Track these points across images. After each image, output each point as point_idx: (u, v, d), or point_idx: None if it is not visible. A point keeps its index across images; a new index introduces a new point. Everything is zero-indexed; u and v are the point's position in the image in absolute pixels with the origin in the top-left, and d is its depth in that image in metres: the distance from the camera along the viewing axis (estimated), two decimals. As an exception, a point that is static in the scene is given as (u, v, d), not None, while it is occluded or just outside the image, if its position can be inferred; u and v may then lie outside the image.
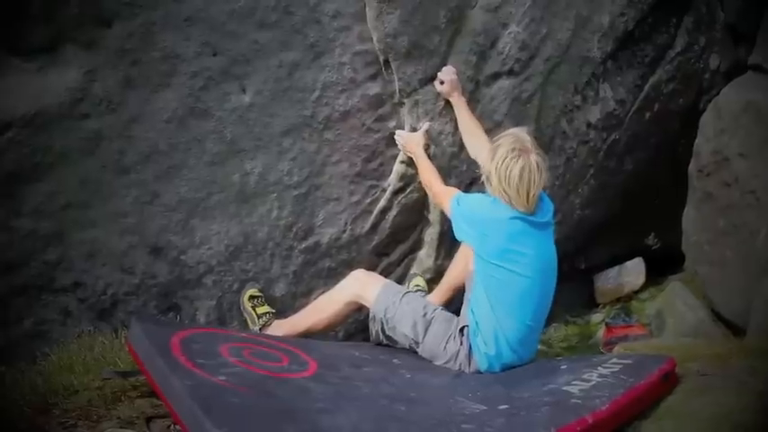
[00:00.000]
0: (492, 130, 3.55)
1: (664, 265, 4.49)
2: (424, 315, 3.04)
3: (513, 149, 2.86)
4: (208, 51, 2.97)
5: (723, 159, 3.67)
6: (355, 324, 3.47)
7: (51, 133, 2.83)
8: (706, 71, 4.29)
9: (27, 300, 2.97)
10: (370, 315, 3.13)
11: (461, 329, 3.00)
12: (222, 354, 2.52)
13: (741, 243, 3.60)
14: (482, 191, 3.09)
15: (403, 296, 3.11)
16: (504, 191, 2.86)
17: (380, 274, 3.37)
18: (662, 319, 4.02)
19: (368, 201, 3.44)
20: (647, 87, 4.09)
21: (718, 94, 3.94)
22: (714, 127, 3.74)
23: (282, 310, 3.36)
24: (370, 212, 3.46)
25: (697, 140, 3.90)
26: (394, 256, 3.58)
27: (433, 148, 3.40)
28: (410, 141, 3.34)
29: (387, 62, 3.26)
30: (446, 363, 3.00)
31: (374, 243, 3.49)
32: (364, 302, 3.14)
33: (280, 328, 3.20)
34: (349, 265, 3.39)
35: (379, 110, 3.33)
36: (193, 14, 2.90)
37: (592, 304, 4.51)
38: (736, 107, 3.61)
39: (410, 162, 3.42)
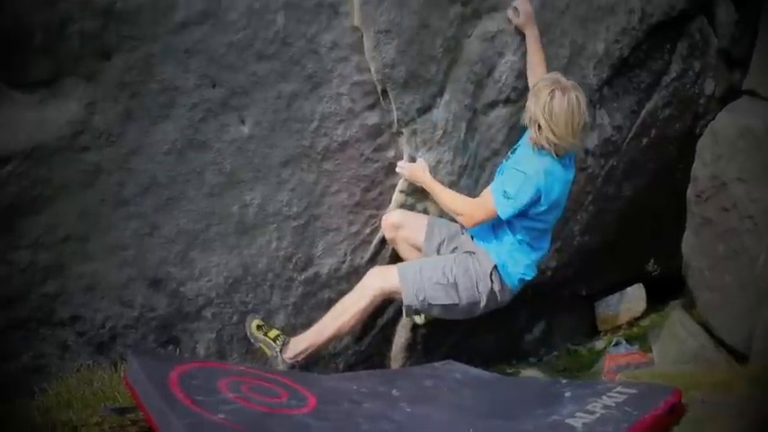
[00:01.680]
0: (489, 158, 3.59)
1: (664, 290, 4.48)
2: (448, 280, 3.20)
3: (556, 89, 2.99)
4: (207, 83, 2.98)
5: (721, 184, 3.68)
6: (356, 355, 3.46)
7: (51, 166, 2.83)
8: (701, 96, 4.32)
9: (25, 334, 2.95)
10: (405, 304, 3.22)
11: (490, 273, 3.20)
12: (221, 389, 2.48)
13: (741, 268, 3.60)
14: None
15: (421, 271, 3.22)
16: (552, 130, 2.98)
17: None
18: (664, 346, 3.99)
19: (367, 231, 3.44)
20: (643, 113, 4.11)
21: (713, 119, 3.97)
22: (711, 152, 3.76)
23: (283, 341, 3.35)
24: (370, 242, 3.46)
25: (694, 165, 3.92)
26: (394, 286, 3.56)
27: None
28: (415, 171, 3.35)
29: (384, 92, 3.27)
30: (485, 305, 3.25)
31: (374, 273, 3.48)
32: (391, 293, 3.24)
33: (302, 341, 3.21)
34: (349, 296, 3.37)
35: (377, 140, 3.34)
36: (192, 47, 2.92)
37: (593, 331, 4.49)
38: (733, 132, 3.64)
39: (410, 191, 3.43)
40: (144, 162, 2.96)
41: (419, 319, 3.57)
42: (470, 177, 3.53)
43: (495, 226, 3.24)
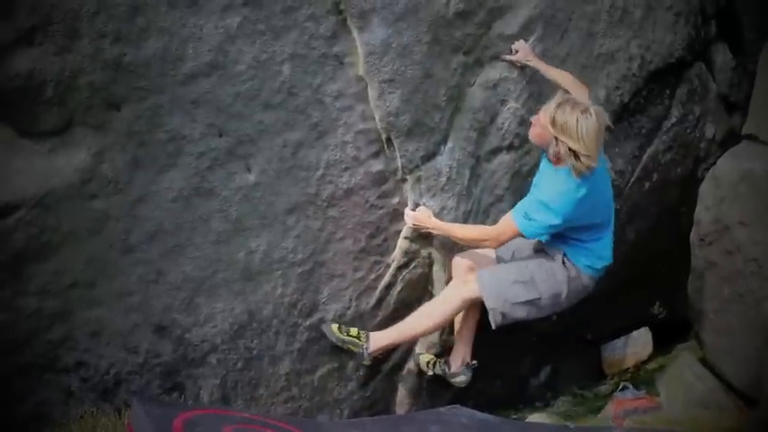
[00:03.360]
0: (493, 203, 3.62)
1: (671, 333, 4.46)
2: (524, 277, 3.28)
3: (580, 109, 3.00)
4: (214, 132, 3.03)
5: (724, 228, 3.69)
6: (361, 401, 3.43)
7: (59, 213, 2.86)
8: (702, 140, 4.37)
9: (29, 380, 2.94)
10: (490, 308, 3.28)
11: (562, 261, 3.28)
12: (225, 437, 2.48)
13: (747, 311, 3.58)
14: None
15: (498, 274, 3.31)
16: (586, 146, 2.97)
17: (385, 351, 3.38)
18: (672, 390, 3.96)
19: (372, 277, 3.45)
20: (645, 158, 4.16)
21: (715, 162, 4.00)
22: (713, 196, 3.78)
23: (287, 387, 3.33)
24: (375, 288, 3.47)
25: (697, 209, 3.93)
26: (399, 332, 3.56)
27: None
28: (421, 217, 3.39)
29: (389, 140, 3.33)
30: (568, 295, 3.31)
31: (379, 319, 3.49)
32: (473, 301, 3.32)
33: (383, 338, 3.33)
34: (354, 342, 3.37)
35: (382, 187, 3.38)
36: (200, 97, 2.97)
37: (599, 375, 4.46)
38: (734, 176, 3.66)
39: (414, 237, 3.45)
40: (151, 209, 2.99)
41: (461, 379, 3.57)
42: (475, 223, 3.55)
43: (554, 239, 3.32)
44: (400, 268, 3.49)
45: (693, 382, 3.87)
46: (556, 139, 3.02)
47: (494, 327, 3.35)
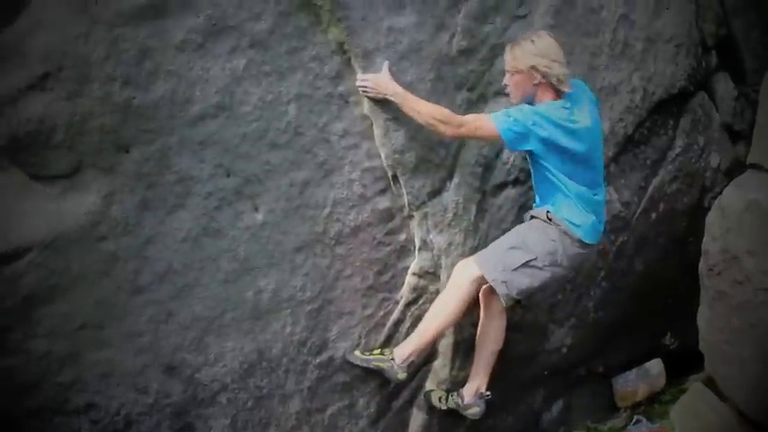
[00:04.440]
0: (499, 236, 3.62)
1: (684, 364, 4.42)
2: (517, 241, 3.27)
3: (530, 36, 3.16)
4: (221, 173, 3.06)
5: (732, 258, 3.67)
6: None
7: (69, 256, 2.87)
8: (707, 170, 4.38)
9: (40, 423, 2.93)
10: (491, 280, 3.23)
11: (547, 217, 3.25)
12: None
13: (759, 341, 3.55)
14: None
15: (494, 247, 3.32)
16: (553, 56, 3.12)
17: (395, 386, 3.38)
18: (686, 422, 3.91)
19: (381, 313, 3.46)
20: (651, 188, 4.17)
21: (721, 191, 4.00)
22: (719, 226, 3.77)
23: (298, 426, 3.31)
24: (384, 325, 3.47)
25: (704, 239, 3.92)
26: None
27: (444, 259, 3.44)
28: (381, 81, 3.16)
29: (395, 177, 3.35)
30: (564, 252, 3.23)
31: (388, 355, 3.47)
32: (478, 281, 3.27)
33: (406, 347, 3.31)
34: (363, 380, 3.36)
35: (389, 224, 3.39)
36: (207, 138, 3.01)
37: (612, 408, 4.42)
38: (739, 206, 3.66)
39: (422, 273, 3.45)
40: (160, 250, 3.01)
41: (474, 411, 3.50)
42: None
43: (541, 197, 3.32)
44: (409, 305, 3.49)
45: (707, 413, 3.83)
46: (530, 73, 3.11)
47: (503, 303, 3.31)
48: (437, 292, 3.51)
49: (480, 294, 3.42)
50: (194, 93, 2.94)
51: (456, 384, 3.48)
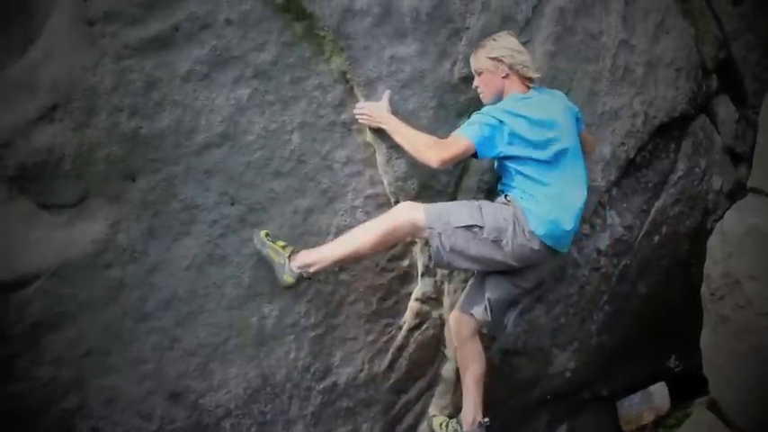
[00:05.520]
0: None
1: (689, 387, 4.40)
2: (472, 203, 3.19)
3: (491, 37, 3.26)
4: (226, 201, 3.09)
5: (734, 282, 3.67)
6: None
7: (76, 283, 2.91)
8: (709, 192, 4.38)
9: (45, 450, 2.96)
10: (427, 227, 3.05)
11: (506, 199, 3.20)
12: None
13: (762, 366, 3.54)
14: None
15: (451, 203, 3.28)
16: (514, 51, 3.21)
17: (398, 412, 3.36)
18: (690, 447, 3.90)
19: (384, 339, 3.47)
20: (653, 212, 4.17)
21: (723, 214, 4.00)
22: (721, 250, 3.77)
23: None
24: (387, 350, 3.48)
25: (706, 263, 3.91)
26: (412, 393, 3.55)
27: (446, 285, 3.46)
28: (377, 110, 3.19)
29: (397, 204, 3.34)
30: (513, 238, 3.08)
31: (392, 381, 3.49)
32: (416, 227, 3.07)
33: (313, 253, 3.10)
34: (367, 405, 3.37)
35: (391, 250, 3.40)
36: (212, 167, 3.05)
37: (617, 432, 4.40)
38: (740, 231, 3.65)
39: (425, 299, 3.47)
40: (165, 277, 3.04)
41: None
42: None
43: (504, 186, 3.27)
44: (412, 330, 3.50)
45: (713, 437, 3.81)
46: (495, 66, 3.20)
47: (432, 257, 3.15)
48: (440, 318, 3.53)
49: (450, 322, 3.36)
50: (199, 122, 2.99)
51: (458, 410, 3.47)
